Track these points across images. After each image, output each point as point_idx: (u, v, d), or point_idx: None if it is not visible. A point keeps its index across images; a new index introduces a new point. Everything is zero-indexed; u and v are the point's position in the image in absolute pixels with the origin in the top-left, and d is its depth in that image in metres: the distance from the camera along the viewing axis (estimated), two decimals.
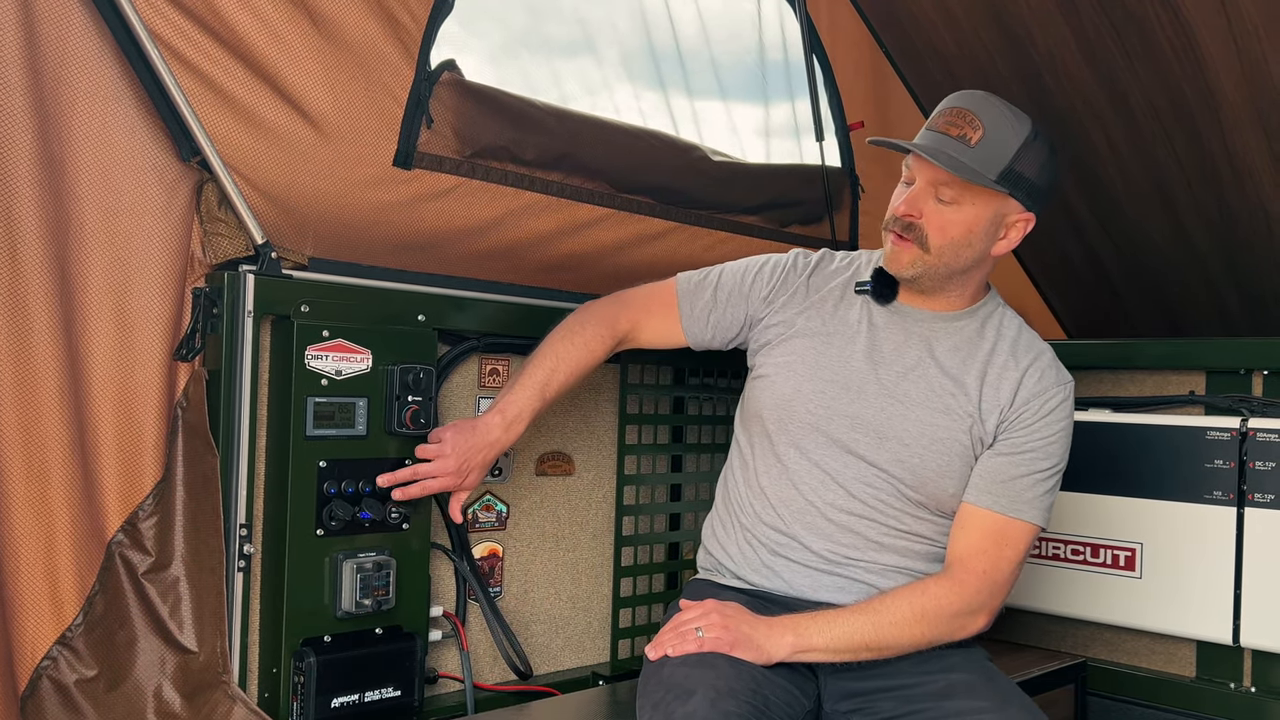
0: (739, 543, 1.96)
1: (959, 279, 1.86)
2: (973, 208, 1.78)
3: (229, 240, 1.86)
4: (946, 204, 1.78)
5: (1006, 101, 1.80)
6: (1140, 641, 2.62)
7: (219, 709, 1.73)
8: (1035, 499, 1.83)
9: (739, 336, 2.01)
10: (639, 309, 2.03)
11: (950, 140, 1.76)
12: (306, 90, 1.88)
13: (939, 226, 1.79)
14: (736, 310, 1.99)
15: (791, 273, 1.99)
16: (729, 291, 2.00)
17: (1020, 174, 1.77)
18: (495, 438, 1.89)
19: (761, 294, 1.98)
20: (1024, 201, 1.80)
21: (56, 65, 1.68)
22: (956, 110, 1.79)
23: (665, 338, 2.04)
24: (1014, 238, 1.84)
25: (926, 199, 1.79)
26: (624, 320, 2.01)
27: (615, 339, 2.00)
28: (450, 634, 2.14)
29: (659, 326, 2.03)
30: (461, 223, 2.16)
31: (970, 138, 1.75)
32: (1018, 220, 1.82)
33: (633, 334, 2.03)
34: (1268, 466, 2.34)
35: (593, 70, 2.63)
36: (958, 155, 1.74)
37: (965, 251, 1.81)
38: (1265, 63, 2.46)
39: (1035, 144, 1.78)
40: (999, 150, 1.75)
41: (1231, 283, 3.06)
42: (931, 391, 1.85)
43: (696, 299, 2.01)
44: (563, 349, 1.95)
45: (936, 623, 1.78)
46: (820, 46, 2.91)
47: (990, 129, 1.75)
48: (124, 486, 1.79)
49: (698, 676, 1.63)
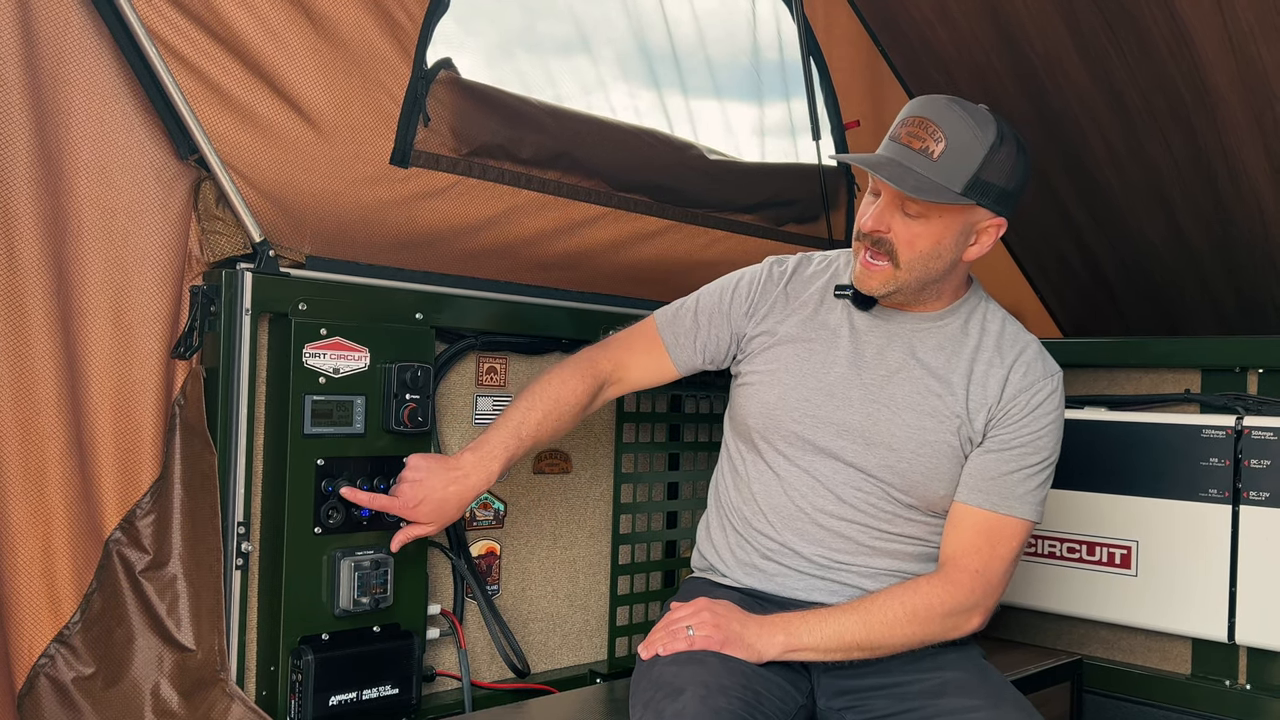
0: (731, 546, 1.96)
1: (933, 287, 1.84)
2: (940, 220, 1.74)
3: (227, 238, 1.86)
4: (913, 218, 1.74)
5: (970, 105, 1.74)
6: (1136, 639, 2.63)
7: (217, 707, 1.73)
8: (1027, 494, 1.82)
9: (727, 355, 2.00)
10: (620, 348, 2.03)
11: (912, 154, 1.70)
12: (304, 89, 1.88)
13: (907, 240, 1.75)
14: (721, 330, 1.98)
15: (769, 283, 1.98)
16: (709, 313, 1.99)
17: (988, 183, 1.71)
18: (465, 471, 1.84)
19: (742, 309, 1.97)
20: (993, 208, 1.76)
21: (54, 63, 1.68)
22: (917, 120, 1.72)
23: (654, 372, 2.03)
24: (986, 242, 1.80)
25: (893, 213, 1.75)
26: (604, 360, 2.00)
27: (595, 379, 1.98)
28: (448, 632, 2.14)
29: (645, 362, 2.02)
30: (458, 221, 2.16)
31: (933, 151, 1.69)
32: (988, 226, 1.78)
33: (616, 373, 2.01)
34: (1262, 465, 2.35)
35: (588, 69, 2.63)
36: (921, 171, 1.69)
37: (935, 263, 1.78)
38: (1260, 62, 2.46)
39: (1002, 149, 1.71)
40: (963, 161, 1.69)
41: (1227, 281, 3.07)
42: (917, 394, 1.83)
43: (678, 326, 2.01)
44: (539, 389, 1.93)
45: (928, 622, 1.77)
46: (816, 46, 2.92)
47: (953, 139, 1.69)
48: (122, 484, 1.79)
49: (688, 674, 1.63)
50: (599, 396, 2.00)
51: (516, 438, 1.89)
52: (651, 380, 2.04)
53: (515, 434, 1.89)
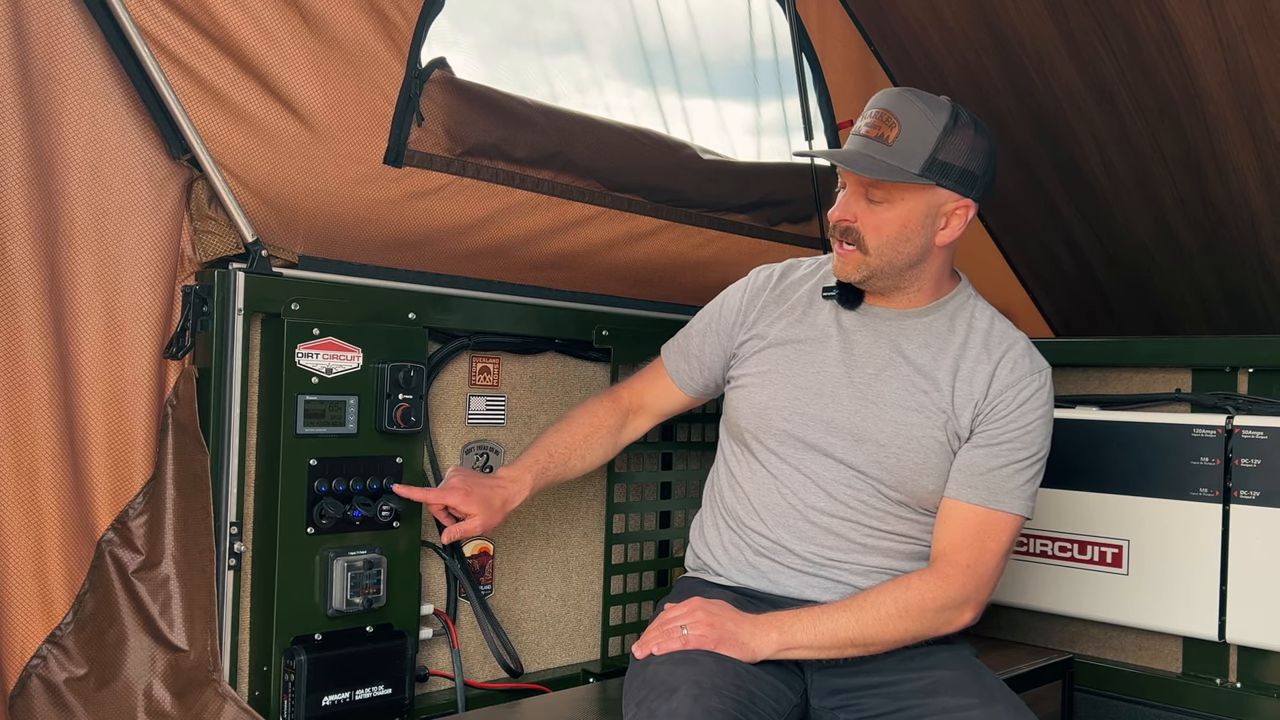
0: (725, 544, 1.97)
1: (911, 274, 1.86)
2: (903, 204, 1.79)
3: (219, 238, 1.85)
4: (878, 204, 1.80)
5: (927, 94, 1.81)
6: (1127, 637, 2.64)
7: (209, 707, 1.73)
8: (1016, 489, 1.83)
9: (725, 371, 2.06)
10: (635, 380, 2.18)
11: (871, 142, 1.78)
12: (297, 88, 1.88)
13: (873, 227, 1.81)
14: (715, 349, 2.04)
15: (757, 290, 2.02)
16: (702, 334, 2.06)
17: (946, 163, 1.77)
18: (501, 481, 2.00)
19: (731, 321, 2.02)
20: (955, 188, 1.80)
21: (46, 62, 1.67)
22: (876, 112, 1.81)
23: (667, 400, 2.14)
24: (956, 226, 1.84)
25: (858, 202, 1.82)
26: (625, 391, 2.16)
27: (620, 408, 2.13)
28: (441, 632, 2.14)
29: (657, 391, 2.14)
30: (452, 221, 2.16)
31: (888, 136, 1.77)
32: (956, 209, 1.82)
33: (635, 402, 2.15)
34: (1253, 464, 2.36)
35: (583, 67, 2.63)
36: (878, 156, 1.76)
37: (904, 247, 1.82)
38: (1250, 62, 2.47)
39: (957, 130, 1.77)
40: (918, 144, 1.76)
41: (1217, 280, 3.08)
42: (904, 390, 1.85)
43: (679, 353, 2.11)
44: (569, 415, 2.11)
45: (921, 617, 1.78)
46: (809, 45, 2.92)
47: (906, 124, 1.77)
48: (114, 485, 1.78)
49: (681, 673, 1.64)
50: (628, 424, 2.15)
51: (547, 453, 2.04)
52: (669, 408, 2.17)
53: (546, 449, 2.05)
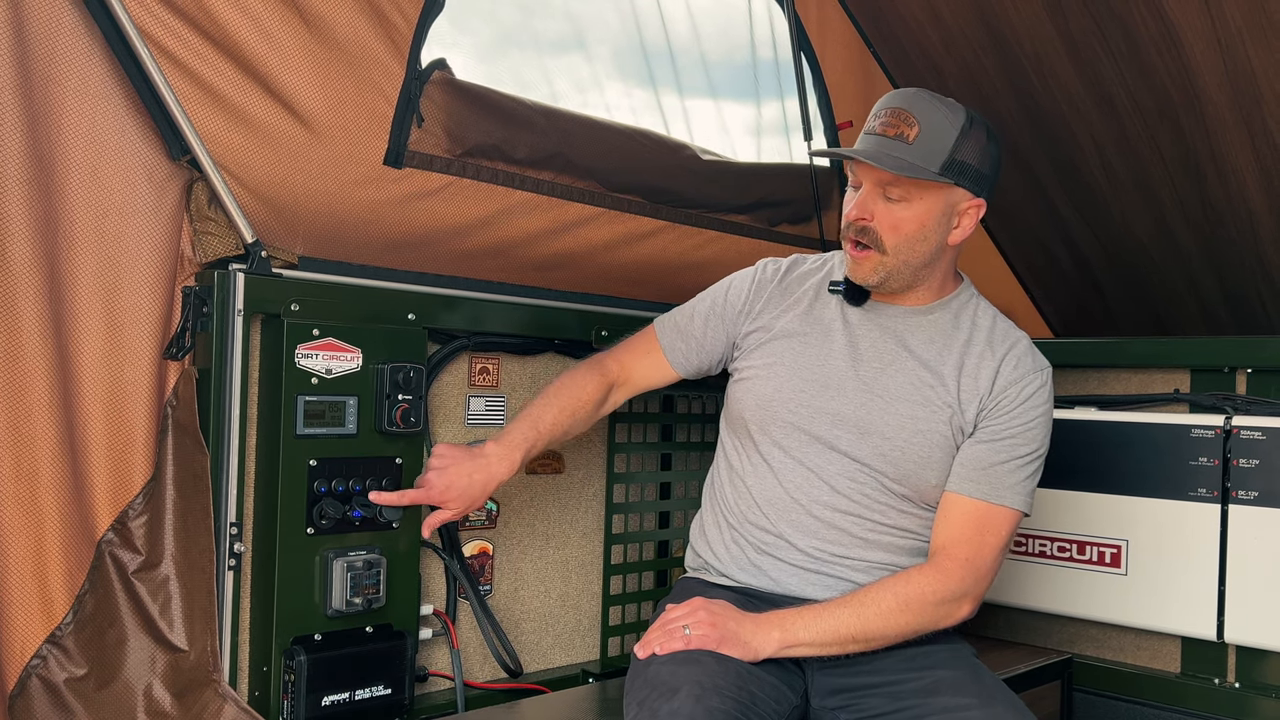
0: (726, 543, 1.97)
1: (923, 273, 1.88)
2: (922, 202, 1.81)
3: (219, 239, 1.85)
4: (896, 202, 1.81)
5: (937, 94, 1.84)
6: (1126, 638, 2.64)
7: (209, 707, 1.73)
8: (1016, 484, 1.85)
9: (723, 358, 2.06)
10: (625, 351, 2.13)
11: (889, 141, 1.79)
12: (297, 89, 1.88)
13: (891, 225, 1.82)
14: (717, 332, 2.04)
15: (764, 281, 2.03)
16: (705, 316, 2.06)
17: (963, 163, 1.80)
18: (489, 459, 1.94)
19: (737, 308, 2.02)
20: (970, 188, 1.83)
21: (46, 63, 1.68)
22: (891, 111, 1.82)
23: (655, 374, 2.11)
24: (967, 225, 1.87)
25: (876, 200, 1.82)
26: (611, 363, 2.10)
27: (605, 380, 2.07)
28: (440, 632, 2.14)
29: (646, 364, 2.11)
30: (452, 221, 2.16)
31: (908, 135, 1.79)
32: (968, 208, 1.85)
33: (622, 375, 2.11)
34: (1251, 464, 2.36)
35: (583, 67, 2.63)
36: (899, 154, 1.78)
37: (921, 246, 1.84)
38: (1249, 64, 2.48)
39: (972, 131, 1.81)
40: (938, 143, 1.79)
41: (1216, 281, 3.09)
42: (910, 384, 1.87)
43: (675, 330, 2.09)
44: (554, 388, 2.04)
45: (921, 610, 1.80)
46: (809, 46, 2.92)
47: (926, 124, 1.79)
48: (114, 485, 1.79)
49: (683, 674, 1.64)
50: (609, 397, 2.10)
51: (535, 430, 1.98)
52: (654, 382, 2.12)
53: (534, 426, 1.98)
